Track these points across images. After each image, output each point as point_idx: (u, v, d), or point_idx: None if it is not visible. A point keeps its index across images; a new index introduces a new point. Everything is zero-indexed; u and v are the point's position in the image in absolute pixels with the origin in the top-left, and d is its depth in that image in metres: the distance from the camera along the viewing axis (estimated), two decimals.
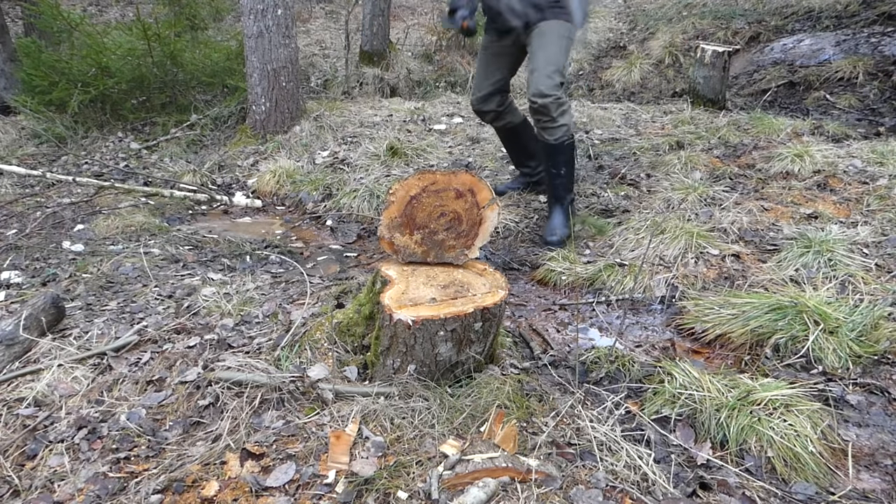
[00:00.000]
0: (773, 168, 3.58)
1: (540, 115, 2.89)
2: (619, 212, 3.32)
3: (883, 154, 3.56)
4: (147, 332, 2.20)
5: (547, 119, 2.87)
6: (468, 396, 1.78)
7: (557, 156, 2.98)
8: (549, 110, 2.84)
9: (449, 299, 1.81)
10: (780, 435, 1.67)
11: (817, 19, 6.35)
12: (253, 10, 4.66)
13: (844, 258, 2.50)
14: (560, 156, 2.98)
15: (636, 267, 2.69)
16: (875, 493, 1.58)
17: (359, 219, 3.79)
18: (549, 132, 2.92)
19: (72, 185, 4.32)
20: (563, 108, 2.87)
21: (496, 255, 3.17)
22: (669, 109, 5.23)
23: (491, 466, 1.47)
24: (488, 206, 1.96)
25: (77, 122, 5.42)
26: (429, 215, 1.96)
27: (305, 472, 1.51)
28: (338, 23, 8.96)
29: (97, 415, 1.78)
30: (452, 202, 1.95)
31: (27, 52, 5.36)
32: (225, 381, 1.83)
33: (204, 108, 5.69)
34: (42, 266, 2.96)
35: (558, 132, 2.91)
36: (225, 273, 2.89)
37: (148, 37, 5.25)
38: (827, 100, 5.22)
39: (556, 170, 3.03)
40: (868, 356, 2.00)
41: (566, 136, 2.94)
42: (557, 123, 2.88)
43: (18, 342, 2.07)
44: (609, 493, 1.50)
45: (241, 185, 4.52)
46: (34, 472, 1.60)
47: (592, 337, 2.42)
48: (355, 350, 2.01)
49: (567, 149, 2.98)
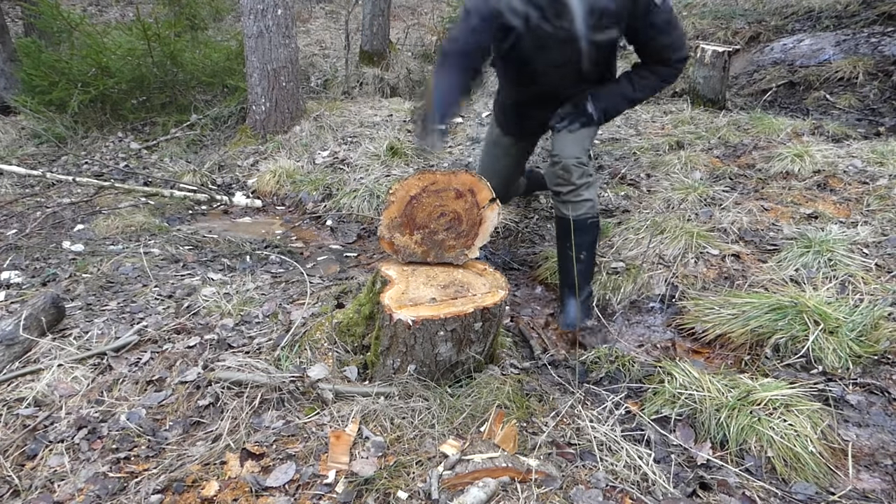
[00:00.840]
0: (773, 168, 3.58)
1: (560, 181, 2.37)
2: (619, 212, 3.32)
3: (883, 154, 3.56)
4: (147, 332, 2.20)
5: (568, 188, 2.35)
6: (468, 396, 1.78)
7: (578, 236, 2.37)
8: (572, 175, 2.33)
9: (449, 299, 1.81)
10: (780, 435, 1.67)
11: (817, 19, 6.35)
12: (253, 10, 4.66)
13: (844, 258, 2.49)
14: (583, 236, 2.39)
15: (636, 267, 2.69)
16: (875, 493, 1.58)
17: (359, 219, 3.79)
18: (569, 206, 2.37)
19: (72, 185, 4.32)
20: (588, 178, 2.37)
21: (496, 255, 3.17)
22: (669, 109, 5.23)
23: (491, 466, 1.47)
24: (488, 206, 1.96)
25: (77, 122, 5.42)
26: (429, 215, 1.96)
27: (305, 472, 1.51)
28: (338, 23, 8.96)
29: (97, 415, 1.78)
30: (452, 202, 1.95)
31: (27, 52, 5.36)
32: (225, 381, 1.83)
33: (204, 108, 5.69)
34: (42, 266, 2.96)
35: (581, 207, 2.36)
36: (225, 273, 2.89)
37: (148, 37, 5.25)
38: (827, 100, 5.22)
39: (573, 252, 2.41)
40: (868, 356, 2.00)
41: (590, 213, 2.38)
42: (581, 196, 2.35)
43: (18, 342, 2.07)
44: (609, 493, 1.50)
45: (241, 185, 4.52)
46: (34, 472, 1.60)
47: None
48: (355, 350, 2.01)
49: (591, 228, 2.41)
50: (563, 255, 2.50)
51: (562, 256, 2.53)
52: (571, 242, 2.38)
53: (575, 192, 2.36)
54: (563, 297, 2.54)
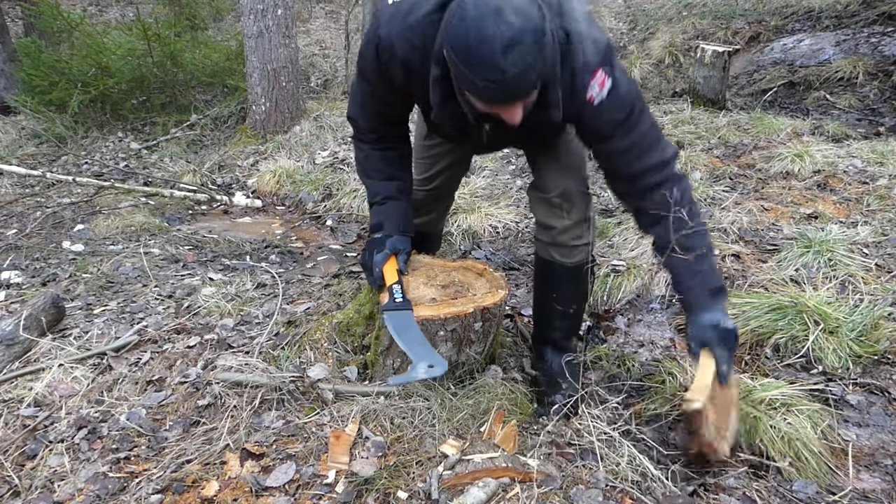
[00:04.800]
0: (773, 168, 3.57)
1: (554, 220, 1.85)
2: (619, 212, 3.32)
3: (883, 154, 3.56)
4: (147, 332, 2.20)
5: (565, 224, 1.84)
6: (468, 397, 1.78)
7: (568, 286, 1.94)
8: (574, 205, 1.82)
9: (449, 299, 1.81)
10: (780, 435, 1.66)
11: (817, 19, 6.35)
12: (253, 10, 4.66)
13: (844, 258, 2.49)
14: (572, 287, 1.94)
15: (636, 267, 2.69)
16: (875, 493, 1.58)
17: (359, 219, 3.79)
18: (561, 249, 1.87)
19: (72, 185, 4.32)
20: (590, 212, 1.88)
21: (496, 255, 3.17)
22: (669, 109, 5.23)
23: (491, 466, 1.47)
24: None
25: (77, 122, 5.42)
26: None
27: (305, 472, 1.51)
28: (338, 23, 8.95)
29: (97, 415, 1.78)
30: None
31: (27, 52, 5.37)
32: (225, 381, 1.83)
33: (204, 108, 5.69)
34: (42, 266, 2.96)
35: (579, 253, 1.88)
36: (225, 273, 2.89)
37: (148, 37, 5.25)
38: (827, 100, 5.22)
39: (560, 306, 1.95)
40: (868, 356, 2.00)
41: (586, 259, 1.91)
42: (581, 241, 1.87)
43: (18, 342, 2.07)
44: (609, 493, 1.50)
45: (241, 185, 4.52)
46: (34, 472, 1.60)
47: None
48: (355, 350, 2.01)
49: (584, 277, 1.93)
50: (546, 307, 2.00)
51: (543, 308, 2.03)
52: (559, 293, 1.94)
53: (572, 234, 1.85)
54: (545, 355, 2.05)
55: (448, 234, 3.35)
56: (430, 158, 2.07)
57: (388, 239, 1.82)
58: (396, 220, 1.84)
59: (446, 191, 2.21)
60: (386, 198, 1.84)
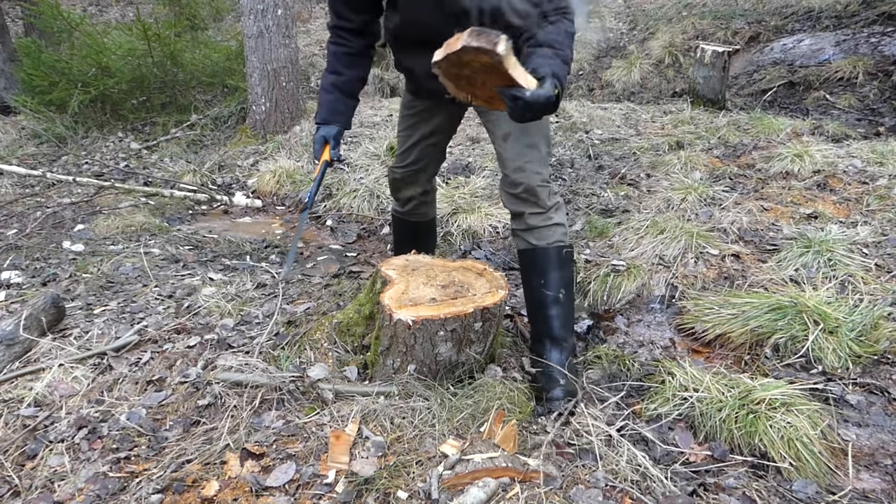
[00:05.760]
0: (773, 168, 3.58)
1: (522, 207, 1.97)
2: (619, 212, 3.32)
3: (883, 154, 3.56)
4: (147, 332, 2.20)
5: (535, 211, 1.96)
6: (468, 396, 1.78)
7: (553, 269, 1.98)
8: (538, 196, 1.94)
9: (449, 299, 1.81)
10: (780, 435, 1.67)
11: (817, 19, 6.35)
12: (253, 10, 4.66)
13: (844, 258, 2.49)
14: (556, 270, 1.99)
15: (636, 267, 2.69)
16: (875, 493, 1.58)
17: (359, 219, 3.79)
18: (535, 232, 1.97)
19: (72, 185, 4.32)
20: (556, 197, 2.00)
21: (496, 255, 3.17)
22: (669, 109, 5.23)
23: (491, 466, 1.47)
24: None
25: (77, 122, 5.42)
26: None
27: (305, 472, 1.51)
28: None
29: (97, 415, 1.78)
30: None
31: (27, 52, 5.37)
32: (225, 381, 1.83)
33: (204, 108, 5.69)
34: (42, 266, 2.96)
35: (553, 234, 1.98)
36: (225, 273, 2.89)
37: (148, 37, 5.26)
38: (827, 100, 5.22)
39: (550, 291, 1.98)
40: (868, 356, 2.00)
41: (563, 241, 1.99)
42: (551, 220, 1.97)
43: (18, 342, 2.07)
44: (609, 493, 1.50)
45: (241, 185, 4.52)
46: (34, 472, 1.60)
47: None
48: (355, 350, 2.01)
49: (566, 261, 2.00)
50: (537, 297, 2.02)
51: (534, 299, 2.04)
52: (546, 279, 1.97)
53: (543, 216, 1.96)
54: (543, 351, 2.01)
55: (448, 234, 3.36)
56: (409, 129, 2.23)
57: (320, 126, 2.10)
58: (326, 110, 2.09)
59: (423, 169, 2.31)
60: (322, 89, 2.10)
